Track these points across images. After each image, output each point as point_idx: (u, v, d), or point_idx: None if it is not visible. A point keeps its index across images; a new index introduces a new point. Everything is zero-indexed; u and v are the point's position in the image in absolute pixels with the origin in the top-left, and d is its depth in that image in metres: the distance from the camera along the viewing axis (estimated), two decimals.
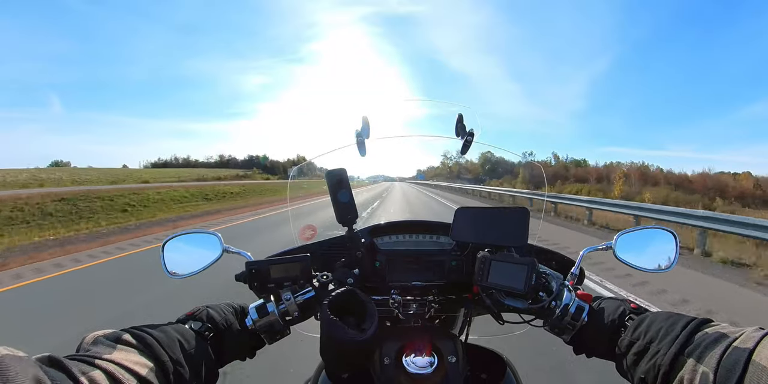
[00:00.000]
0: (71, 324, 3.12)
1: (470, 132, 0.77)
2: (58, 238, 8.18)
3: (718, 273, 4.88)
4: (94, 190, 15.57)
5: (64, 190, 16.39)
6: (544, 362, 2.35)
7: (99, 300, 3.86)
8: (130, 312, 3.37)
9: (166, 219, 11.50)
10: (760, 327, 0.41)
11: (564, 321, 0.64)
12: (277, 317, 0.66)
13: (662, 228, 0.76)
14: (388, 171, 1.71)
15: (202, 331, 0.58)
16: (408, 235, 0.91)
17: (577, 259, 0.74)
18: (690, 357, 0.43)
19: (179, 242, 0.78)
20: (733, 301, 3.78)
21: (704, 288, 4.19)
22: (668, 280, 4.23)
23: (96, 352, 0.43)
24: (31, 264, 5.57)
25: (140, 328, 0.50)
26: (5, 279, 4.72)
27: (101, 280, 4.69)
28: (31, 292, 4.19)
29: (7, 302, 3.86)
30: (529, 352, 2.43)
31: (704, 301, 3.69)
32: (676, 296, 3.79)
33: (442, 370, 0.63)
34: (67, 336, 2.72)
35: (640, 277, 4.26)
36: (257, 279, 0.68)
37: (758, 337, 0.39)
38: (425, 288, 0.80)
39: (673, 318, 0.51)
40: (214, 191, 21.53)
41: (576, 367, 2.28)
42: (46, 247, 7.06)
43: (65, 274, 4.95)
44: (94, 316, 3.32)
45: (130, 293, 3.98)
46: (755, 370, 0.36)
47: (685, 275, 4.68)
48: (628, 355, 0.53)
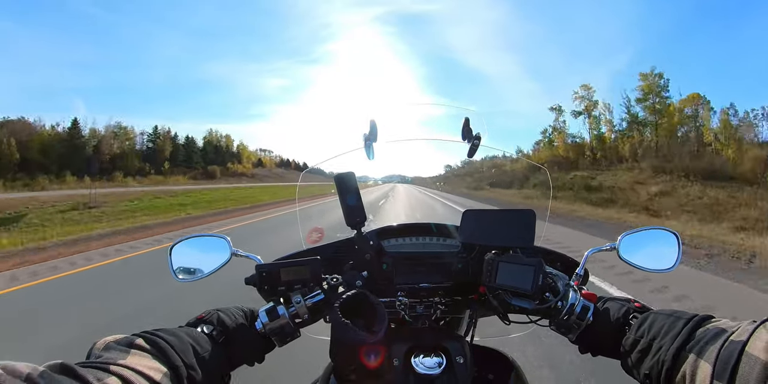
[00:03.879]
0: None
1: (477, 135, 0.78)
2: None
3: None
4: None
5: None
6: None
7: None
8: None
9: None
10: (753, 320, 0.42)
11: (569, 321, 0.65)
12: (288, 320, 0.66)
13: (665, 229, 0.77)
14: (405, 171, 1.71)
15: (213, 334, 0.59)
16: (415, 237, 0.92)
17: (581, 260, 0.75)
18: (691, 352, 0.45)
19: (187, 246, 0.78)
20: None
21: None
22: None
23: (109, 357, 0.42)
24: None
25: (152, 333, 0.50)
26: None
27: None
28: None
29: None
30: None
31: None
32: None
33: (450, 370, 0.64)
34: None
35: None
36: (267, 282, 0.68)
37: (751, 330, 0.40)
38: (432, 290, 0.81)
39: (675, 315, 0.52)
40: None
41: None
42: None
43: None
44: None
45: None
46: (748, 360, 0.37)
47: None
48: (633, 353, 0.54)
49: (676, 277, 4.39)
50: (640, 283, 4.20)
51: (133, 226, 10.72)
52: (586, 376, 2.21)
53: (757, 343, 0.38)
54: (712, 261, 5.70)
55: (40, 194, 20.92)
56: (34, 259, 6.35)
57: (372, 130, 0.77)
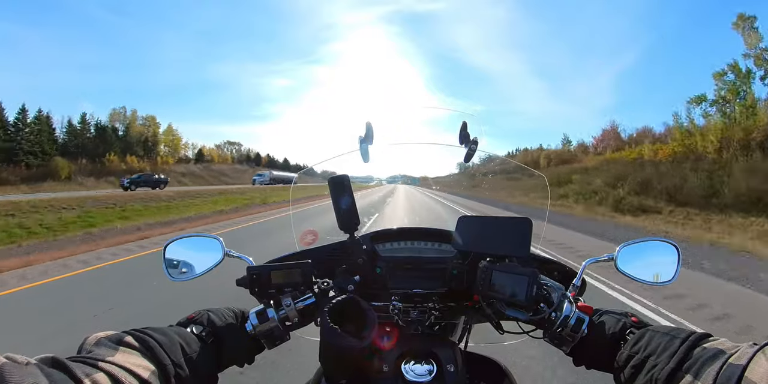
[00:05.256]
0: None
1: (474, 140, 0.77)
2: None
3: None
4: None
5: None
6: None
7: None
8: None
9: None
10: (754, 342, 0.41)
11: (564, 333, 0.64)
12: (277, 323, 0.66)
13: (665, 240, 0.75)
14: (410, 171, 1.69)
15: (203, 335, 0.59)
16: (410, 242, 0.91)
17: (579, 271, 0.73)
18: (688, 373, 0.44)
19: (180, 245, 0.78)
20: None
21: None
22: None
23: (98, 353, 0.43)
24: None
25: (142, 331, 0.50)
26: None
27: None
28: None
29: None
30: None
31: None
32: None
33: (440, 378, 0.63)
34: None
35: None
36: (258, 284, 0.68)
37: (751, 353, 0.39)
38: (426, 295, 0.80)
39: (672, 333, 0.51)
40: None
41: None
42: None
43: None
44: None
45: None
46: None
47: None
48: (626, 368, 0.53)
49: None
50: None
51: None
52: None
53: (757, 368, 0.37)
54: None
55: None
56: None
57: (368, 132, 0.76)
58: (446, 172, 2.55)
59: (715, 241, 8.11)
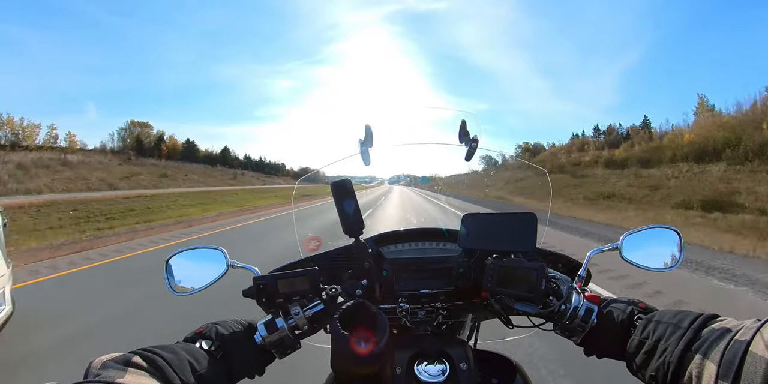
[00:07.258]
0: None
1: (474, 138, 0.77)
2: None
3: None
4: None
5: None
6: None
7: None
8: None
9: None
10: (757, 318, 0.42)
11: (573, 323, 0.64)
12: (287, 332, 0.65)
13: (666, 226, 0.76)
14: (414, 171, 1.69)
15: (211, 349, 0.58)
16: (414, 242, 0.91)
17: (583, 261, 0.74)
18: (697, 353, 0.45)
19: (183, 258, 0.77)
20: None
21: None
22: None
23: (106, 376, 0.42)
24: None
25: (150, 350, 0.50)
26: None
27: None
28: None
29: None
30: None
31: None
32: None
33: (454, 377, 0.63)
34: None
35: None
36: (265, 294, 0.67)
37: (755, 328, 0.40)
38: (433, 295, 0.80)
39: (680, 315, 0.52)
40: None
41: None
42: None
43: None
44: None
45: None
46: (752, 360, 0.38)
47: None
48: (638, 354, 0.53)
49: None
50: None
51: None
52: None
53: (760, 342, 0.38)
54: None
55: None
56: None
57: (367, 135, 0.75)
58: (450, 172, 2.54)
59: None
